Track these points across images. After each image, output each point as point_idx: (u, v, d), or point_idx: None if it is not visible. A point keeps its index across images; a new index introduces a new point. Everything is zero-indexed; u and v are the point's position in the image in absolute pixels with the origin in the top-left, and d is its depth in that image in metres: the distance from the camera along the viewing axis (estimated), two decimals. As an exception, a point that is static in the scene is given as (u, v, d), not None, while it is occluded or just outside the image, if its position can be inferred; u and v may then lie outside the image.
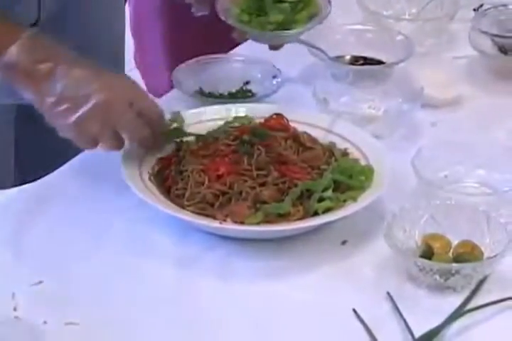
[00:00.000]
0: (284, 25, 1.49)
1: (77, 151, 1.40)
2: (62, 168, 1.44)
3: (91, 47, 1.51)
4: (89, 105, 1.23)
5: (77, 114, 1.24)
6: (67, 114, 1.22)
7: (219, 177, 1.24)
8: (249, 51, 1.67)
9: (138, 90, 1.31)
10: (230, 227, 1.19)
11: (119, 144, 1.28)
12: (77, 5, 1.58)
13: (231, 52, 1.68)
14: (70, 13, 1.55)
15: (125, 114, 1.25)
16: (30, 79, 1.25)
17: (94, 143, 1.26)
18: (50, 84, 1.23)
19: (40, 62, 1.26)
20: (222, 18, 1.50)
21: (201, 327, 1.11)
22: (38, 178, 1.42)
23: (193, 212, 1.21)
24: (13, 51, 1.26)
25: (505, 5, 1.69)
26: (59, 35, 1.34)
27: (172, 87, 1.54)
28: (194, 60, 1.56)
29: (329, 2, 1.57)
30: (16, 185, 1.52)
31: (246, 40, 1.62)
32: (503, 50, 1.57)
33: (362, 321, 1.03)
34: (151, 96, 1.39)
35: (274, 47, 1.56)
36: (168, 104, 1.46)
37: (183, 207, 1.22)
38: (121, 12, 1.81)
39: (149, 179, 1.27)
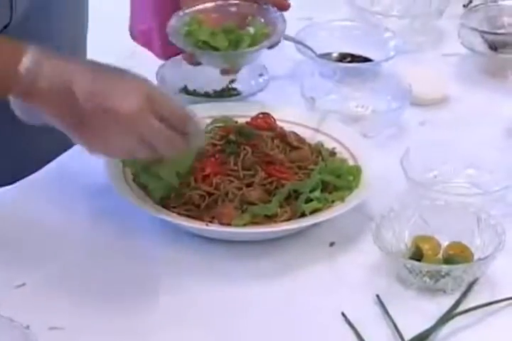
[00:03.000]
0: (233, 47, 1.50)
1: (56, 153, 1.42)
2: (43, 169, 1.43)
3: (54, 44, 1.45)
4: (114, 121, 1.19)
5: (105, 132, 1.21)
6: (93, 132, 1.20)
7: (205, 177, 1.24)
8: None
9: (161, 97, 1.25)
10: (216, 229, 1.20)
11: (154, 153, 1.31)
12: (42, 4, 1.59)
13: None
14: (36, 12, 1.55)
15: (152, 125, 1.20)
16: (48, 102, 1.20)
17: (129, 156, 1.26)
18: (70, 104, 1.19)
19: (56, 83, 1.23)
20: (173, 41, 1.51)
21: (192, 328, 1.11)
22: (15, 181, 1.42)
23: (178, 213, 1.21)
24: (25, 73, 1.25)
25: (495, 1, 1.70)
26: (27, 36, 1.32)
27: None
28: (179, 56, 1.55)
29: (283, 19, 1.52)
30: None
31: (198, 63, 1.61)
32: (493, 47, 1.57)
33: (350, 324, 1.03)
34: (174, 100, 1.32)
35: (226, 72, 1.56)
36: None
37: (168, 208, 1.23)
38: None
39: (133, 180, 1.27)
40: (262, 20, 1.50)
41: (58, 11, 1.66)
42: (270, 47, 1.48)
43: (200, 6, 1.54)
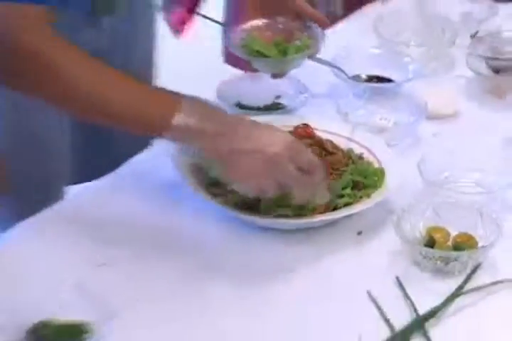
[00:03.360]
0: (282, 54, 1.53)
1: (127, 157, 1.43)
2: (123, 166, 1.41)
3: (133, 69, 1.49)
4: (261, 160, 1.21)
5: (246, 169, 1.24)
6: (240, 167, 1.21)
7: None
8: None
9: (298, 145, 1.25)
10: (274, 220, 1.21)
11: (282, 192, 1.28)
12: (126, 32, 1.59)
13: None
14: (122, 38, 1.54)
15: (288, 169, 1.21)
16: (200, 138, 1.20)
17: (260, 192, 1.26)
18: (220, 140, 1.22)
19: (207, 123, 1.25)
20: (233, 51, 1.56)
21: (259, 315, 1.09)
22: (101, 176, 1.43)
23: (235, 203, 1.22)
24: (180, 116, 1.25)
25: (497, 32, 1.71)
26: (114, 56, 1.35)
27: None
28: (234, 75, 1.60)
29: (323, 34, 1.55)
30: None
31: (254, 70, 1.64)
32: (495, 71, 1.58)
33: (374, 301, 1.04)
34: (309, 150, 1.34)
35: (276, 76, 1.57)
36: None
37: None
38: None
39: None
40: (306, 34, 1.53)
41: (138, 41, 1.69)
42: (310, 56, 1.52)
43: (254, 24, 1.56)
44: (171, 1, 1.95)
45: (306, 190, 1.18)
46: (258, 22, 1.56)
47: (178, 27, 1.97)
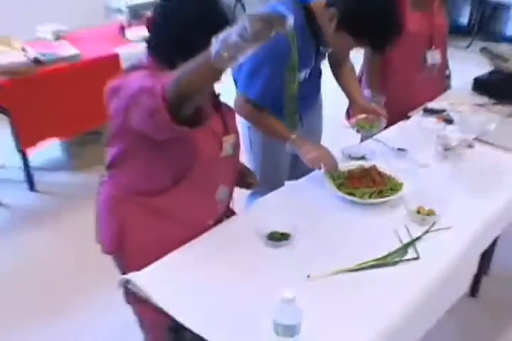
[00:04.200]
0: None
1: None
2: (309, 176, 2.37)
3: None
4: (315, 155, 2.29)
5: (312, 155, 2.29)
6: (310, 154, 2.28)
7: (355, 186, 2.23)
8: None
9: (329, 152, 2.33)
10: (359, 200, 2.16)
11: (332, 167, 2.29)
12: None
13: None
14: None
15: (329, 159, 2.29)
16: (306, 154, 2.30)
17: (318, 166, 2.27)
18: (304, 149, 2.30)
19: (314, 150, 2.28)
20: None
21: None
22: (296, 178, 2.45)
23: (344, 192, 2.18)
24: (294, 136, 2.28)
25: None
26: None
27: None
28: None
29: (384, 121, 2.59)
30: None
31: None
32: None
33: (396, 232, 2.00)
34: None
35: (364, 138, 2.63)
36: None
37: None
38: None
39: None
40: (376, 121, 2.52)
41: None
42: (376, 131, 2.59)
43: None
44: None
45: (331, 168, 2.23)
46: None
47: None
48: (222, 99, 1.92)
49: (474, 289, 2.96)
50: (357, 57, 2.68)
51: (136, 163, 1.80)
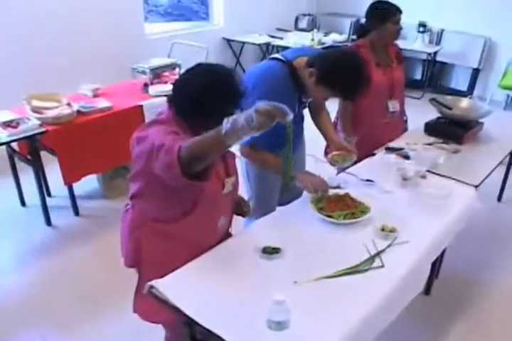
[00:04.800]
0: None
1: None
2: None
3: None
4: (311, 181, 2.27)
5: (309, 182, 2.27)
6: (307, 180, 2.26)
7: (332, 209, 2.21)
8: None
9: (318, 177, 2.31)
10: (335, 221, 2.13)
11: (326, 191, 2.26)
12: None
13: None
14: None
15: (318, 182, 2.29)
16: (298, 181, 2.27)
17: (314, 190, 2.25)
18: (301, 176, 2.29)
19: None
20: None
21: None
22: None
23: (323, 215, 2.15)
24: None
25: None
26: None
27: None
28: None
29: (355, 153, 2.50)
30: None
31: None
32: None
33: (365, 245, 1.99)
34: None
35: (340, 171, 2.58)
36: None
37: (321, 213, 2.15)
38: None
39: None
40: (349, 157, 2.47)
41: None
42: (348, 164, 2.54)
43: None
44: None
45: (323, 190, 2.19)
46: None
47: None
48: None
49: (428, 289, 2.99)
50: (331, 106, 2.71)
51: (153, 197, 1.80)
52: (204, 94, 1.63)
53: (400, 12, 2.92)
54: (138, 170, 1.72)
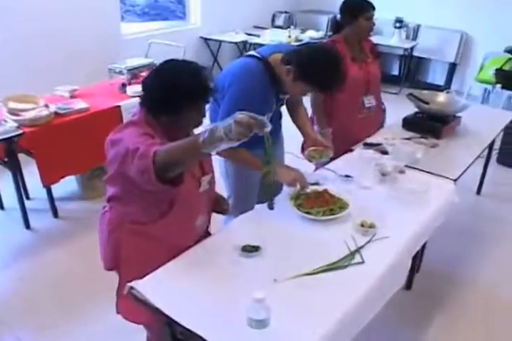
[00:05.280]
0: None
1: None
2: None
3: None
4: (292, 176, 2.24)
5: (290, 176, 2.24)
6: (287, 175, 2.25)
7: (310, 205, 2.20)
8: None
9: (300, 172, 2.29)
10: (315, 218, 2.13)
11: (306, 185, 2.25)
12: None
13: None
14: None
15: (303, 179, 2.26)
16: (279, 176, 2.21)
17: (294, 185, 2.24)
18: (281, 170, 2.23)
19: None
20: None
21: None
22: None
23: (305, 212, 2.15)
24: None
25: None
26: None
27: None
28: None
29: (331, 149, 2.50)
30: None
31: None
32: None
33: (345, 243, 1.99)
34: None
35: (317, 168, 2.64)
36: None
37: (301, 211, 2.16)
38: None
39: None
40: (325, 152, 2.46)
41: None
42: (325, 159, 2.51)
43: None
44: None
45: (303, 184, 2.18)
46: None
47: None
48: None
49: (409, 283, 3.00)
50: (308, 102, 2.76)
51: (130, 199, 1.80)
52: (170, 92, 1.63)
53: (373, 8, 2.94)
54: (113, 173, 1.71)
